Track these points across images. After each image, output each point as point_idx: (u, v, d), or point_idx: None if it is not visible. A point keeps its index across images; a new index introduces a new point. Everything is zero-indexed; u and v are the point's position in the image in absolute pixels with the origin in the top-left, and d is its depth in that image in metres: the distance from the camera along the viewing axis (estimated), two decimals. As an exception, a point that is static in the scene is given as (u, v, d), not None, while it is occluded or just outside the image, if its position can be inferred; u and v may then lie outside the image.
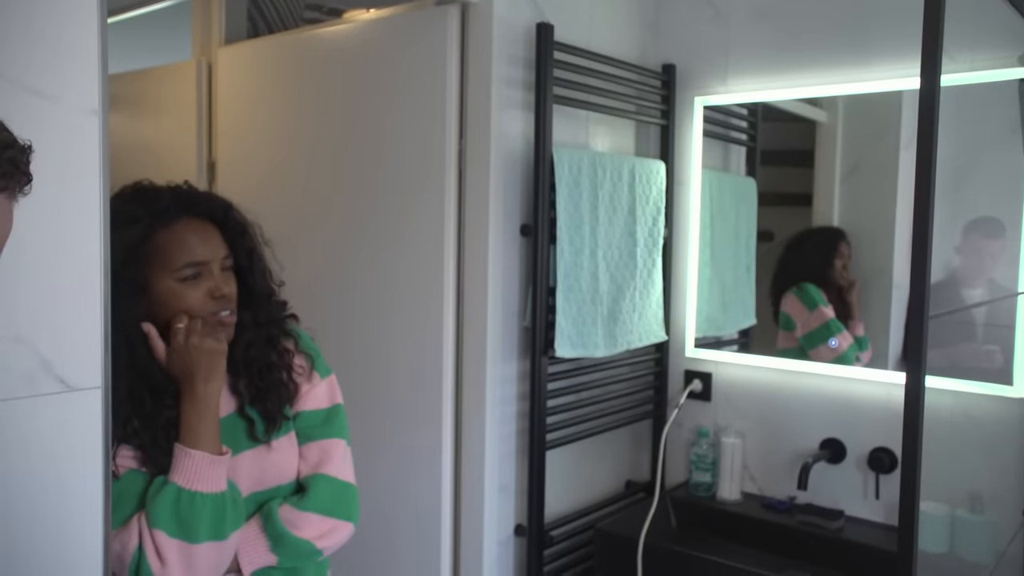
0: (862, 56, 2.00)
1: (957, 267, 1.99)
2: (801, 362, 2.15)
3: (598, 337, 2.01)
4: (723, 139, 2.31)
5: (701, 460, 2.17)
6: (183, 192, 1.21)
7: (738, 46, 2.19)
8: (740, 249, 2.31)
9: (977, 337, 1.97)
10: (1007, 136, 1.85)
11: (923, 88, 1.18)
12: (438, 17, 1.87)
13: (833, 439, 2.07)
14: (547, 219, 1.90)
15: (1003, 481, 1.84)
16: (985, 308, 1.95)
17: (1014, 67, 1.78)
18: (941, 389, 1.91)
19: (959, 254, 1.99)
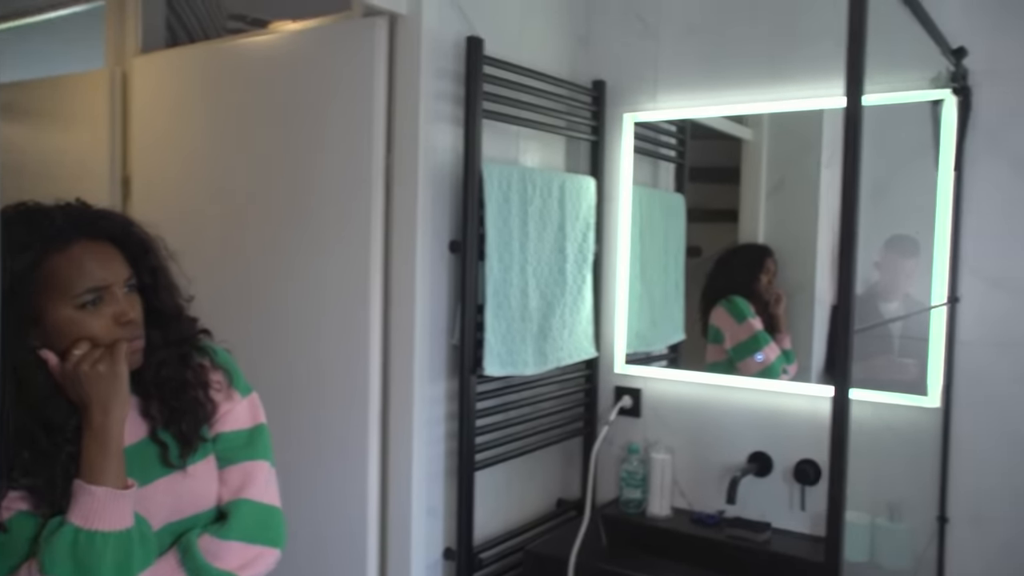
0: (786, 75, 2.04)
1: (876, 282, 2.05)
2: (729, 376, 2.17)
3: (528, 354, 1.99)
4: (652, 155, 2.33)
5: (631, 477, 2.17)
6: (76, 211, 1.12)
7: (667, 63, 2.21)
8: (669, 265, 2.33)
9: (894, 350, 2.03)
10: (923, 155, 1.91)
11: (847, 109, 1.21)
12: (366, 29, 1.84)
13: (760, 452, 2.09)
14: (476, 235, 1.87)
15: (919, 489, 1.89)
16: (901, 322, 2.01)
17: (927, 88, 1.85)
18: (863, 401, 1.95)
19: (878, 269, 2.05)
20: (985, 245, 1.84)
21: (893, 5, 1.38)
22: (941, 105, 1.85)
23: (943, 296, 1.86)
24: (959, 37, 1.76)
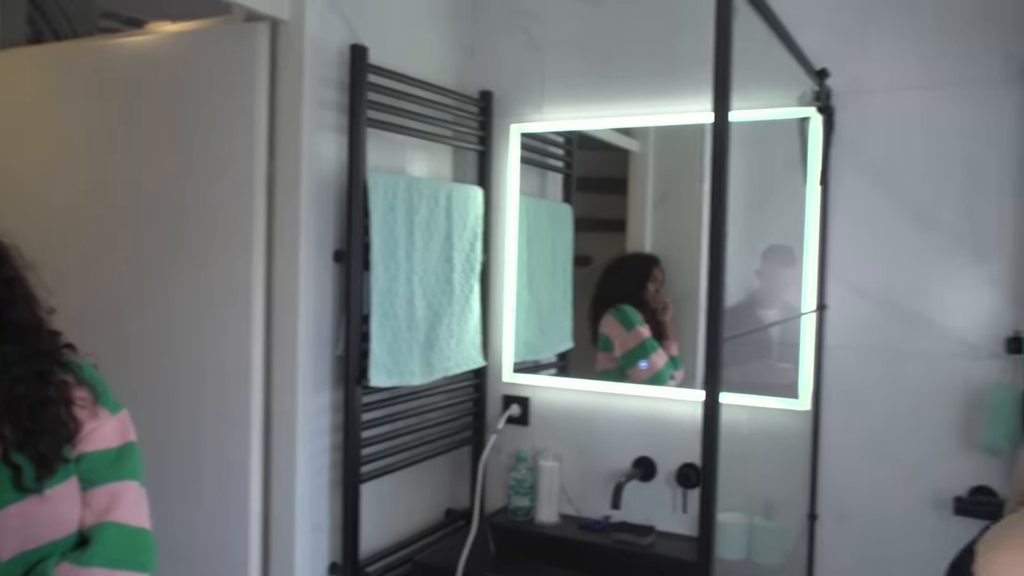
0: (668, 90, 2.11)
1: (757, 290, 2.13)
2: (616, 383, 2.22)
3: (414, 364, 1.98)
4: (540, 166, 2.37)
5: (520, 485, 2.18)
6: None
7: (553, 75, 2.25)
8: (557, 274, 2.37)
9: (773, 355, 2.11)
10: (797, 169, 2.01)
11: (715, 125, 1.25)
12: (246, 34, 1.79)
13: (645, 457, 2.14)
14: (361, 245, 1.85)
15: (792, 488, 1.98)
16: (780, 329, 2.10)
17: (794, 106, 1.95)
18: (739, 405, 2.03)
19: (759, 277, 2.13)
20: (849, 255, 1.95)
21: (760, 28, 1.45)
22: (808, 122, 1.95)
23: (813, 304, 1.96)
24: (823, 59, 1.86)
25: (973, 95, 1.81)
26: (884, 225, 1.90)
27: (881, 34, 1.90)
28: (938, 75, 1.85)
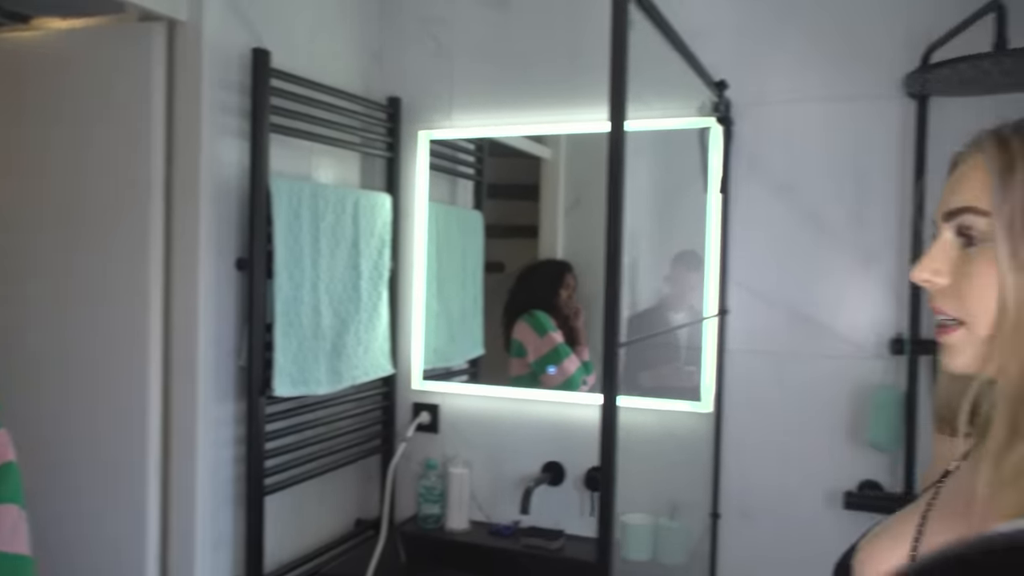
0: (575, 98, 2.14)
1: (667, 295, 2.18)
2: (526, 389, 2.23)
3: (320, 373, 1.95)
4: (450, 173, 2.37)
5: (429, 492, 2.18)
6: None
7: (462, 82, 2.25)
8: (468, 280, 2.37)
9: (680, 359, 2.16)
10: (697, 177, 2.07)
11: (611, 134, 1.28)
12: (141, 34, 1.73)
13: (554, 462, 2.17)
14: (264, 252, 1.81)
15: (696, 488, 2.03)
16: (687, 333, 2.14)
17: (694, 116, 2.00)
18: (646, 409, 2.07)
19: (668, 283, 2.18)
20: (749, 261, 2.01)
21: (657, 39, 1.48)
22: (708, 132, 2.01)
23: (714, 308, 2.02)
24: (722, 71, 1.93)
25: (861, 108, 1.90)
26: (781, 232, 1.98)
27: (777, 48, 1.97)
28: (829, 89, 1.93)
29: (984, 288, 0.66)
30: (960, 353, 0.70)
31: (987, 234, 0.66)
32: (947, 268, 0.70)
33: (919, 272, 0.71)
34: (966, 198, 0.68)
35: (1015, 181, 0.64)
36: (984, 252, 0.67)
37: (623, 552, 2.01)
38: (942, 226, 0.71)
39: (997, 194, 0.65)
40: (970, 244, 0.68)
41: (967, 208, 0.68)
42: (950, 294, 0.70)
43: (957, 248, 0.70)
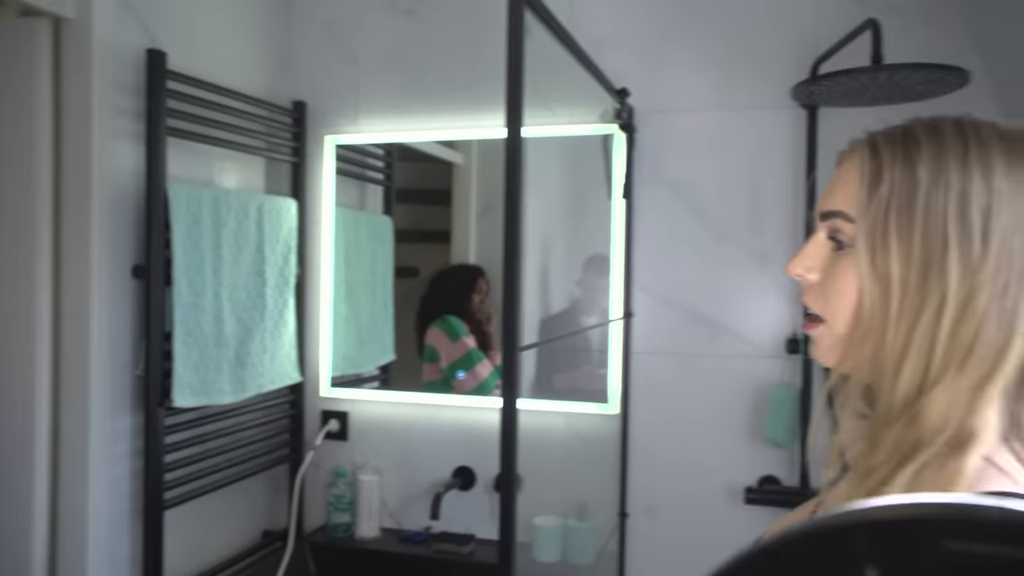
0: (481, 104, 2.15)
1: (578, 298, 2.21)
2: (437, 395, 2.23)
3: (224, 383, 1.91)
4: (358, 178, 2.35)
5: (339, 501, 2.15)
6: None
7: (368, 87, 2.24)
8: (378, 286, 2.35)
9: (593, 362, 2.20)
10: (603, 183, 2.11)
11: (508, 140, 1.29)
12: (23, 31, 1.66)
13: (465, 467, 2.17)
14: (162, 259, 1.76)
15: (604, 489, 2.06)
16: (599, 336, 2.16)
17: (596, 123, 2.04)
18: (555, 412, 2.10)
19: (579, 287, 2.21)
20: (652, 265, 2.06)
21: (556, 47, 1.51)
22: (612, 139, 2.05)
23: (620, 311, 2.05)
24: (625, 78, 1.97)
25: (757, 117, 1.97)
26: (683, 236, 2.03)
27: (678, 58, 2.03)
28: (727, 98, 1.99)
29: (845, 291, 0.69)
30: (820, 346, 0.73)
31: (853, 239, 0.68)
32: (818, 266, 0.72)
33: (792, 267, 0.74)
34: (838, 202, 0.70)
35: (880, 191, 0.66)
36: (848, 256, 0.69)
37: (534, 554, 2.03)
38: (819, 224, 0.73)
39: (862, 203, 0.67)
40: (839, 247, 0.71)
41: (837, 213, 0.70)
42: (818, 291, 0.73)
43: (828, 249, 0.72)
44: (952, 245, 0.63)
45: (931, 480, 0.60)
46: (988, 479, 0.59)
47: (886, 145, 0.68)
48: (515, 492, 1.32)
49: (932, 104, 1.72)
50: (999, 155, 0.64)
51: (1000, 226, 0.63)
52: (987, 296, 0.63)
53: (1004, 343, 0.62)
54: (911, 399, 0.64)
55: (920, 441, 0.62)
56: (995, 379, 0.62)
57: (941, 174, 0.64)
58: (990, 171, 0.64)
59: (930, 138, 0.66)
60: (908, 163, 0.66)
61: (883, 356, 0.66)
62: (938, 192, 0.64)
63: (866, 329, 0.67)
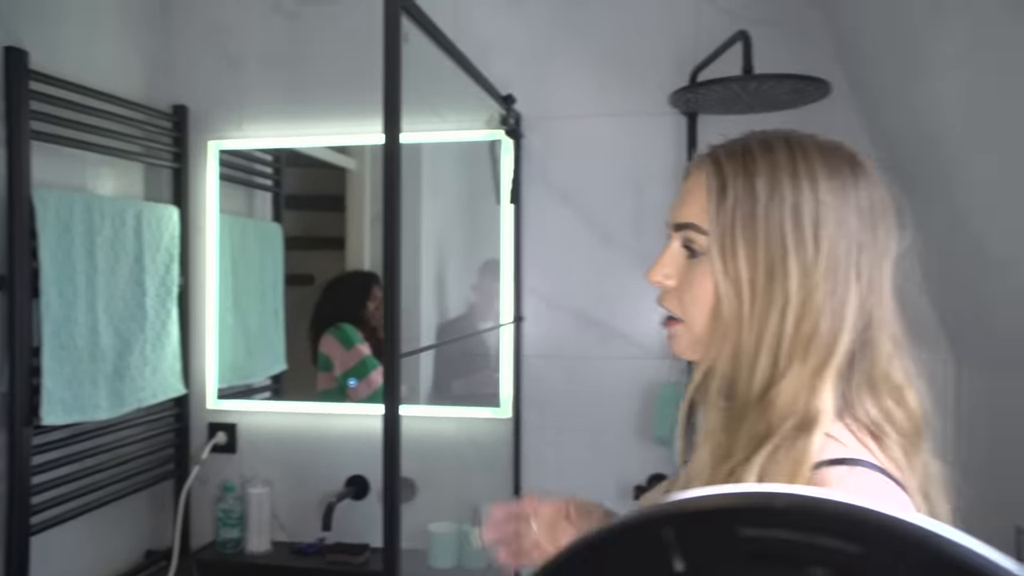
0: (368, 109, 2.11)
1: (475, 303, 2.22)
2: (330, 403, 2.20)
3: (100, 398, 1.83)
4: (245, 184, 2.29)
5: (228, 515, 2.09)
6: None
7: (253, 92, 2.19)
8: (267, 294, 2.30)
9: (490, 366, 2.21)
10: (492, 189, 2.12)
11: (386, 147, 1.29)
12: None
13: (358, 476, 2.14)
14: (28, 269, 1.67)
15: (498, 493, 2.07)
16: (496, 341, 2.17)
17: (482, 129, 2.06)
18: (449, 417, 2.10)
19: (475, 292, 2.22)
20: (542, 268, 2.09)
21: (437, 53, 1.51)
22: (499, 144, 2.07)
23: (510, 316, 2.07)
24: (512, 85, 1.99)
25: (641, 123, 2.03)
26: (571, 240, 2.07)
27: (563, 65, 2.07)
28: (612, 105, 2.04)
29: (701, 295, 0.75)
30: (680, 342, 0.80)
31: (705, 248, 0.75)
32: (675, 272, 0.79)
33: (652, 275, 0.80)
34: (690, 215, 0.77)
35: (726, 205, 0.73)
36: (702, 264, 0.75)
37: (429, 560, 2.03)
38: (673, 234, 0.80)
39: (712, 216, 0.74)
40: (693, 255, 0.77)
41: (690, 225, 0.76)
42: (675, 295, 0.79)
43: (683, 256, 0.78)
44: (790, 251, 0.71)
45: (784, 458, 0.66)
46: (828, 449, 0.67)
47: (728, 161, 0.74)
48: (399, 500, 1.32)
49: (799, 112, 1.80)
50: (821, 168, 0.72)
51: (828, 233, 0.70)
52: (821, 294, 0.70)
53: (835, 335, 0.70)
54: (763, 390, 0.71)
55: (772, 426, 0.69)
56: (830, 366, 0.69)
57: (776, 188, 0.71)
58: (816, 184, 0.71)
59: (764, 155, 0.73)
60: (748, 179, 0.72)
61: (740, 351, 0.72)
62: (774, 204, 0.71)
63: (724, 328, 0.73)
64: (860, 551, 0.36)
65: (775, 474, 0.66)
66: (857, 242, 0.71)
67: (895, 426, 0.72)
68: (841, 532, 0.36)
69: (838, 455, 0.67)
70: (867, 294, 0.72)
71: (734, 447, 0.71)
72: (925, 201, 1.75)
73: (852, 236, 0.71)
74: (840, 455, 0.67)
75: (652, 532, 0.40)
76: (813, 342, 0.70)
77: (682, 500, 0.40)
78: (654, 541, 0.40)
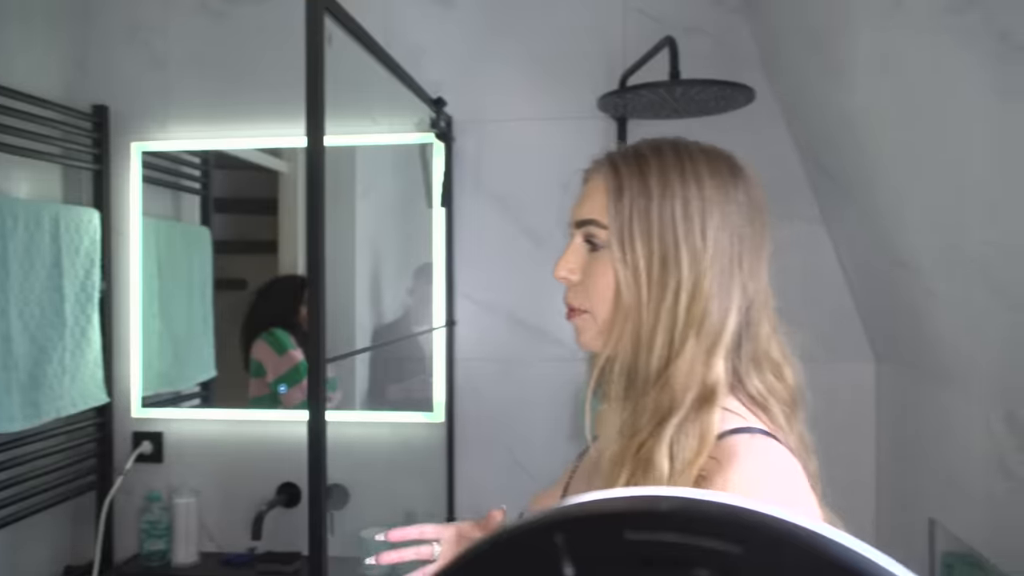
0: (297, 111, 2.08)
1: (411, 307, 2.20)
2: (262, 410, 2.16)
3: (13, 408, 1.76)
4: (172, 186, 2.23)
5: (153, 527, 2.03)
6: None
7: (179, 92, 2.14)
8: (195, 299, 2.25)
9: (426, 370, 2.19)
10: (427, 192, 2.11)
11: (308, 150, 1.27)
12: None
13: (290, 483, 2.11)
14: (-65, 275, 1.60)
15: (432, 497, 2.06)
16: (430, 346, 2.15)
17: (412, 132, 2.05)
18: (381, 423, 2.08)
19: (411, 296, 2.20)
20: (474, 272, 2.08)
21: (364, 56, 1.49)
22: (431, 148, 2.06)
23: (443, 320, 2.06)
24: (443, 88, 1.98)
25: (571, 127, 2.04)
26: (504, 244, 2.07)
27: (495, 68, 2.07)
28: (542, 109, 2.05)
29: (603, 285, 0.81)
30: (586, 333, 0.85)
31: (606, 242, 0.81)
32: (578, 267, 0.85)
33: (558, 271, 0.85)
34: (591, 212, 0.83)
35: (623, 201, 0.80)
36: (603, 256, 0.82)
37: (362, 568, 2.00)
38: (575, 232, 0.85)
39: (611, 211, 0.80)
40: (594, 249, 0.83)
41: (591, 221, 0.82)
42: (580, 289, 0.85)
43: (585, 251, 0.84)
44: (681, 241, 0.78)
45: (691, 431, 0.73)
46: (728, 421, 0.75)
47: (623, 164, 0.82)
48: (325, 508, 1.30)
49: (727, 118, 1.84)
50: (705, 168, 0.80)
51: (713, 225, 0.78)
52: (710, 280, 0.78)
53: (724, 316, 0.78)
54: (662, 368, 0.78)
55: (674, 401, 0.76)
56: (721, 343, 0.77)
57: (667, 186, 0.79)
58: (701, 182, 0.79)
59: (656, 158, 0.81)
60: (642, 178, 0.80)
61: (639, 335, 0.79)
62: (666, 200, 0.79)
63: (624, 313, 0.80)
64: (741, 551, 0.36)
65: (684, 447, 0.73)
66: (739, 234, 0.79)
67: (777, 397, 0.81)
68: (722, 533, 0.36)
69: (738, 425, 0.75)
70: (748, 280, 0.80)
71: (639, 423, 0.77)
72: (847, 203, 1.80)
73: (734, 228, 0.79)
74: (739, 425, 0.75)
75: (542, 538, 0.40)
76: (705, 322, 0.77)
77: (570, 505, 0.40)
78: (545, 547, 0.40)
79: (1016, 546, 1.33)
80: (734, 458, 0.71)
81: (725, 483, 0.69)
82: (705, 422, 0.73)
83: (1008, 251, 1.19)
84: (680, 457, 0.72)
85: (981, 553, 1.47)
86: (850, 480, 1.99)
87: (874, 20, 1.29)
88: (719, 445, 0.72)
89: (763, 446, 0.73)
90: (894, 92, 1.34)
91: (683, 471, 0.72)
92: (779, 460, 0.73)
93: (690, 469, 0.71)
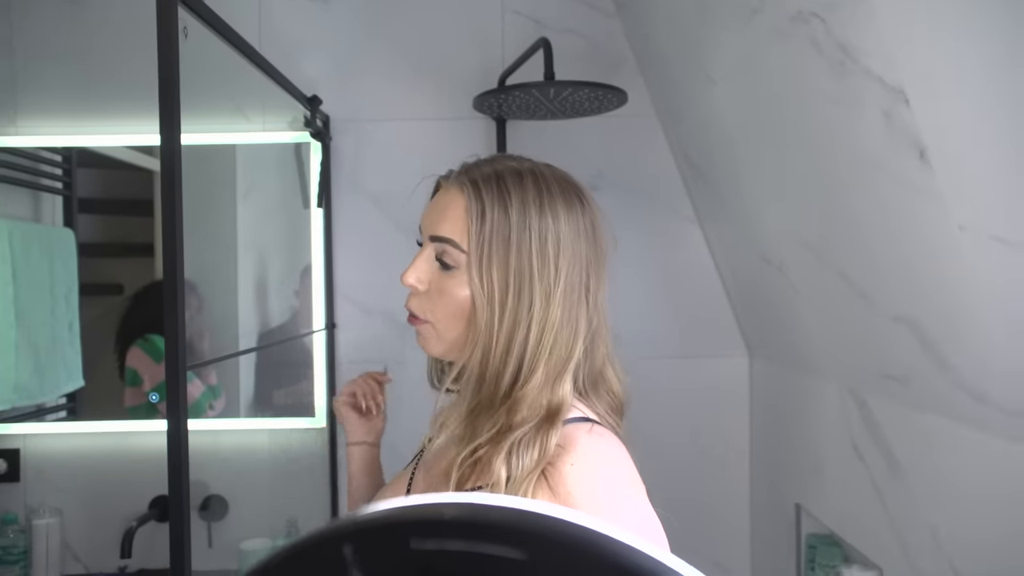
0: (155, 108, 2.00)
1: (297, 309, 2.13)
2: (137, 421, 2.06)
3: None
4: (27, 185, 2.10)
5: (8, 552, 1.90)
6: None
7: (30, 84, 2.01)
8: (59, 306, 2.12)
9: (311, 376, 2.13)
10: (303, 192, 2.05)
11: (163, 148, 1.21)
12: None
13: (163, 496, 2.01)
14: None
15: (315, 504, 2.02)
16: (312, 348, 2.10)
17: (287, 131, 1.99)
18: (260, 430, 2.02)
19: (297, 297, 2.14)
20: (355, 274, 2.04)
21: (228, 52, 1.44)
22: (308, 147, 2.01)
23: (323, 323, 2.02)
24: (320, 86, 1.94)
25: (451, 127, 2.03)
26: (383, 245, 2.04)
27: (373, 68, 2.03)
28: (420, 109, 2.03)
29: (454, 305, 0.84)
30: (427, 341, 0.88)
31: (461, 264, 0.83)
32: (427, 279, 0.87)
33: (406, 278, 0.87)
34: (449, 231, 0.84)
35: (485, 229, 0.82)
36: (456, 276, 0.84)
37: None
38: (427, 243, 0.86)
39: (472, 237, 0.82)
40: (446, 268, 0.85)
41: (449, 240, 0.84)
42: (425, 299, 0.87)
43: (436, 266, 0.86)
44: (535, 274, 0.81)
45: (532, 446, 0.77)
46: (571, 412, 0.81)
47: (485, 188, 0.83)
48: (187, 523, 1.24)
49: (603, 119, 1.87)
50: (560, 202, 0.83)
51: (565, 260, 0.82)
52: (560, 312, 0.82)
53: (571, 345, 0.83)
54: (511, 388, 0.81)
55: (521, 419, 0.79)
56: (568, 370, 0.83)
57: (526, 219, 0.81)
58: (557, 217, 0.82)
59: (516, 187, 0.83)
60: (503, 208, 0.82)
61: (489, 356, 0.82)
62: (524, 233, 0.81)
63: (476, 335, 0.83)
64: (525, 557, 0.36)
65: (524, 458, 0.76)
66: (586, 265, 0.84)
67: (611, 409, 0.89)
68: (506, 539, 0.36)
69: (580, 415, 0.82)
70: (593, 311, 0.85)
71: (478, 431, 0.80)
72: (719, 202, 1.86)
73: (582, 260, 0.83)
74: (581, 415, 0.82)
75: (331, 549, 0.39)
76: (554, 351, 0.81)
77: (359, 516, 0.39)
78: (334, 558, 0.38)
79: (869, 527, 1.40)
80: (574, 442, 0.77)
81: (566, 465, 0.75)
82: (546, 438, 0.77)
83: (850, 242, 1.24)
84: (518, 466, 0.76)
85: (840, 535, 1.54)
86: (726, 470, 2.05)
87: (735, 25, 1.33)
88: (563, 431, 0.78)
89: (600, 432, 0.81)
90: (754, 95, 1.39)
91: (521, 481, 0.75)
92: (615, 447, 0.80)
93: (529, 477, 0.75)
